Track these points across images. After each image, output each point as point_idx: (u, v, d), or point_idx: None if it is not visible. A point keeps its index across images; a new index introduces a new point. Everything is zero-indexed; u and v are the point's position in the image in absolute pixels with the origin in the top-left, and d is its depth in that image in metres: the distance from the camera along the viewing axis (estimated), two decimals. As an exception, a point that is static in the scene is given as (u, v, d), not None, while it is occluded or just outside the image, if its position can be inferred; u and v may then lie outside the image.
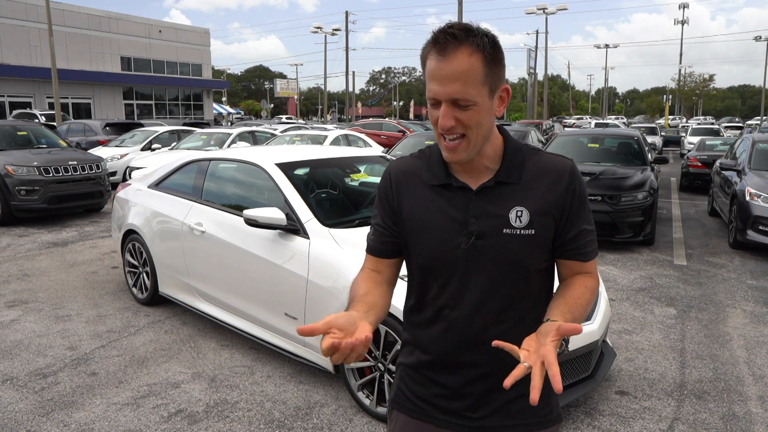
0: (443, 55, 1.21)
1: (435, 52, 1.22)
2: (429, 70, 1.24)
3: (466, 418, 1.40)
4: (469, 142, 1.27)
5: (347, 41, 47.71)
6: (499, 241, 1.31)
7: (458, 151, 1.28)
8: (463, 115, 1.24)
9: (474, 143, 1.28)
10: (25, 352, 4.15)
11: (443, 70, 1.21)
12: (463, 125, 1.25)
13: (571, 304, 1.31)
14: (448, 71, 1.20)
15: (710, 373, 3.88)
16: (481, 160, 1.34)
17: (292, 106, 78.10)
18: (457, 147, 1.27)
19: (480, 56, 1.21)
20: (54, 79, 21.93)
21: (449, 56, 1.20)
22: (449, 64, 1.20)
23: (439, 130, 1.27)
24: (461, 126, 1.25)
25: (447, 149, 1.29)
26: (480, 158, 1.34)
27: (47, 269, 6.34)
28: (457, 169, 1.37)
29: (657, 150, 19.93)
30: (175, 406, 3.40)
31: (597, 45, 67.36)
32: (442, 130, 1.26)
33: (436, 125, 1.28)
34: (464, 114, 1.24)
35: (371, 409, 3.26)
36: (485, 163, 1.35)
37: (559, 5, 42.33)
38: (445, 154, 1.31)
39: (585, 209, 1.37)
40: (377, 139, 18.30)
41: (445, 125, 1.24)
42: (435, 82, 1.23)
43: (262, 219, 3.63)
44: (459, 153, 1.28)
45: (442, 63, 1.21)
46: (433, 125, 1.30)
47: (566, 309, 1.29)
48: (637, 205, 7.21)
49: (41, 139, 10.28)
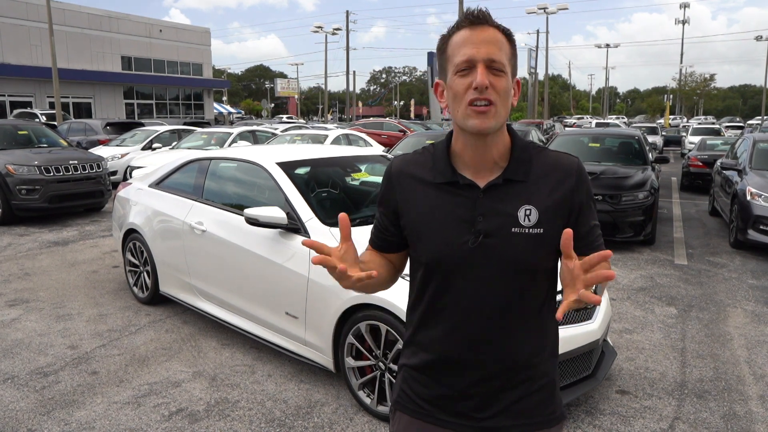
0: (476, 26, 1.28)
1: (466, 25, 1.28)
2: (460, 41, 1.28)
3: (471, 419, 1.38)
4: (497, 111, 1.27)
5: (348, 41, 47.71)
6: (507, 240, 1.30)
7: (488, 116, 1.26)
8: (495, 80, 1.25)
9: (500, 114, 1.28)
10: (26, 351, 4.15)
11: (479, 36, 1.27)
12: (495, 90, 1.25)
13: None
14: (484, 36, 1.27)
15: (711, 372, 3.88)
16: (490, 156, 1.33)
17: (292, 105, 78.10)
18: (488, 111, 1.26)
19: (506, 38, 1.30)
20: (55, 78, 21.94)
21: (482, 27, 1.28)
22: (484, 32, 1.27)
23: (472, 92, 1.25)
24: (493, 91, 1.25)
25: (477, 114, 1.26)
26: (489, 153, 1.33)
27: (48, 268, 6.35)
28: (464, 167, 1.36)
29: (658, 150, 19.94)
30: (175, 405, 3.40)
31: (598, 45, 67.46)
32: (480, 86, 1.24)
33: (464, 93, 1.26)
34: (496, 79, 1.26)
35: (372, 408, 3.26)
36: (494, 158, 1.34)
37: (560, 5, 42.33)
38: (474, 122, 1.26)
39: (593, 206, 1.38)
40: (378, 138, 18.27)
41: (484, 82, 1.23)
42: (470, 46, 1.26)
43: (263, 218, 3.63)
44: (489, 118, 1.26)
45: (476, 31, 1.27)
46: (458, 96, 1.27)
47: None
48: (638, 204, 7.21)
49: (42, 138, 10.29)
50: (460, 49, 1.27)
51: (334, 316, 3.32)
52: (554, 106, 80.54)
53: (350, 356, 3.35)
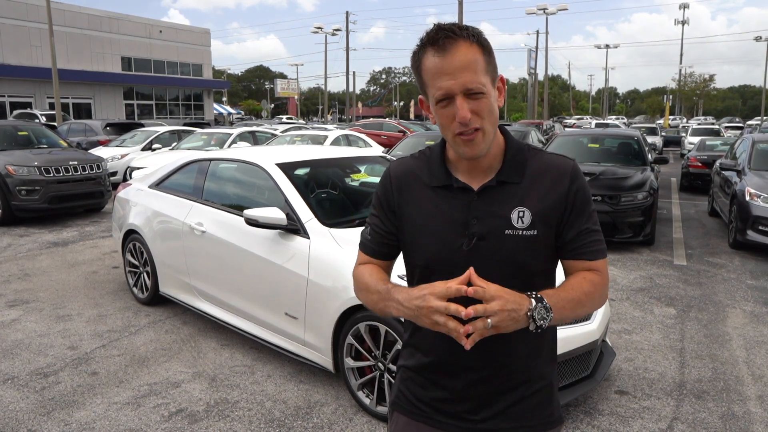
0: (446, 51, 1.22)
1: (434, 51, 1.23)
2: (432, 69, 1.24)
3: (468, 421, 1.39)
4: (485, 133, 1.26)
5: (347, 41, 47.72)
6: (500, 242, 1.30)
7: (477, 142, 1.26)
8: (476, 105, 1.24)
9: (488, 134, 1.27)
10: (26, 352, 4.16)
11: (451, 63, 1.21)
12: (478, 116, 1.24)
13: (567, 285, 1.31)
14: (456, 63, 1.21)
15: (709, 372, 3.89)
16: (485, 159, 1.34)
17: (292, 106, 78.09)
18: (475, 138, 1.25)
19: (477, 47, 1.24)
20: (54, 79, 21.93)
21: (451, 51, 1.21)
22: (455, 57, 1.21)
23: (457, 125, 1.25)
24: (477, 117, 1.24)
25: (466, 143, 1.26)
26: (483, 157, 1.33)
27: (48, 269, 6.35)
28: (458, 170, 1.36)
29: (657, 150, 19.93)
30: (175, 405, 3.41)
31: (597, 45, 67.34)
32: (462, 122, 1.23)
33: (450, 124, 1.26)
34: (477, 104, 1.24)
35: (371, 409, 3.27)
36: (488, 161, 1.34)
37: (560, 5, 42.30)
38: (464, 150, 1.28)
39: (588, 209, 1.35)
40: (377, 139, 18.29)
41: (466, 117, 1.22)
42: (445, 78, 1.22)
43: (263, 219, 3.63)
44: (478, 145, 1.26)
45: (447, 58, 1.21)
46: (444, 126, 1.28)
47: (560, 288, 1.30)
48: (637, 205, 7.22)
49: (42, 139, 10.29)
50: (435, 81, 1.24)
51: (333, 317, 3.33)
52: (554, 107, 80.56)
53: (349, 357, 3.35)
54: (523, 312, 1.20)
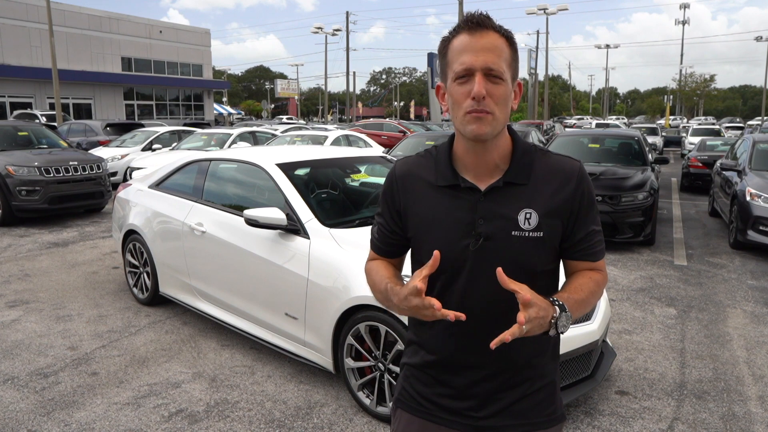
0: (476, 32, 1.26)
1: (466, 30, 1.27)
2: (459, 47, 1.26)
3: (471, 418, 1.39)
4: (494, 118, 1.27)
5: (348, 42, 47.72)
6: (507, 243, 1.31)
7: (485, 122, 1.26)
8: (493, 88, 1.25)
9: (498, 121, 1.28)
10: (26, 352, 4.16)
11: (478, 42, 1.25)
12: (493, 100, 1.25)
13: (576, 286, 1.35)
14: (483, 43, 1.25)
15: (710, 373, 3.88)
16: (491, 159, 1.34)
17: (292, 106, 78.13)
18: (485, 117, 1.26)
19: (506, 42, 1.28)
20: (55, 79, 21.94)
21: (482, 32, 1.26)
22: (483, 38, 1.25)
23: (470, 102, 1.25)
24: (491, 101, 1.25)
25: (475, 120, 1.26)
26: (490, 157, 1.33)
27: (48, 269, 6.35)
28: (465, 170, 1.36)
29: (657, 150, 19.95)
30: (175, 405, 3.41)
31: (598, 45, 67.32)
32: (477, 96, 1.24)
33: (463, 102, 1.26)
34: (495, 88, 1.25)
35: (371, 409, 3.26)
36: (495, 161, 1.34)
37: (560, 5, 42.29)
38: (472, 127, 1.27)
39: (593, 211, 1.38)
40: (378, 139, 18.31)
41: (481, 92, 1.23)
42: (469, 54, 1.25)
43: (263, 219, 3.63)
44: (486, 125, 1.26)
45: (476, 37, 1.25)
46: (458, 103, 1.28)
47: (571, 290, 1.33)
48: (638, 205, 7.22)
49: (42, 139, 10.29)
50: (459, 56, 1.26)
51: (333, 317, 3.32)
52: (554, 107, 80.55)
53: (350, 357, 3.35)
54: (548, 319, 1.22)
